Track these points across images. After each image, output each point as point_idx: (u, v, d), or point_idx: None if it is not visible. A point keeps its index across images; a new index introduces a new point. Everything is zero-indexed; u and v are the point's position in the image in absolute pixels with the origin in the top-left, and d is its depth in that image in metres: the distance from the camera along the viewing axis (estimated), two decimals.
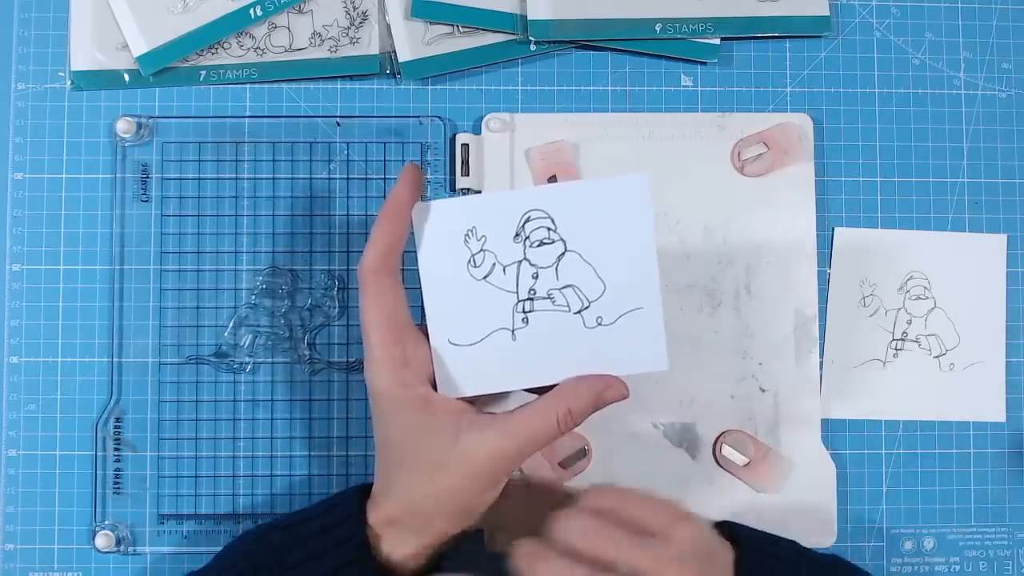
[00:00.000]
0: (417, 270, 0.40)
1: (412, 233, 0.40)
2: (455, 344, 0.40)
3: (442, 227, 0.40)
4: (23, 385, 0.50)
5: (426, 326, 0.41)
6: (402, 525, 0.39)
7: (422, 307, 0.40)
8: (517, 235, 0.40)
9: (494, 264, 0.40)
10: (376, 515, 0.40)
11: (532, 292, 0.40)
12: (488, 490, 0.40)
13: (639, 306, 0.39)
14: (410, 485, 0.39)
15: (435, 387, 0.40)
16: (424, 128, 0.51)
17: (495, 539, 0.48)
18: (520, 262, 0.40)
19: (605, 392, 0.40)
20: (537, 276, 0.40)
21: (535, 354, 0.40)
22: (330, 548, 0.38)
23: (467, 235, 0.40)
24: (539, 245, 0.40)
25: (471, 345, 0.40)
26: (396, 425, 0.39)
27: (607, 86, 0.52)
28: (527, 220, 0.39)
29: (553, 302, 0.40)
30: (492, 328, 0.40)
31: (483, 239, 0.40)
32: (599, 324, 0.40)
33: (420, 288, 0.40)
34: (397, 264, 0.39)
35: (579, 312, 0.40)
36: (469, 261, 0.40)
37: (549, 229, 0.40)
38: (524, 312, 0.40)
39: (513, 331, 0.40)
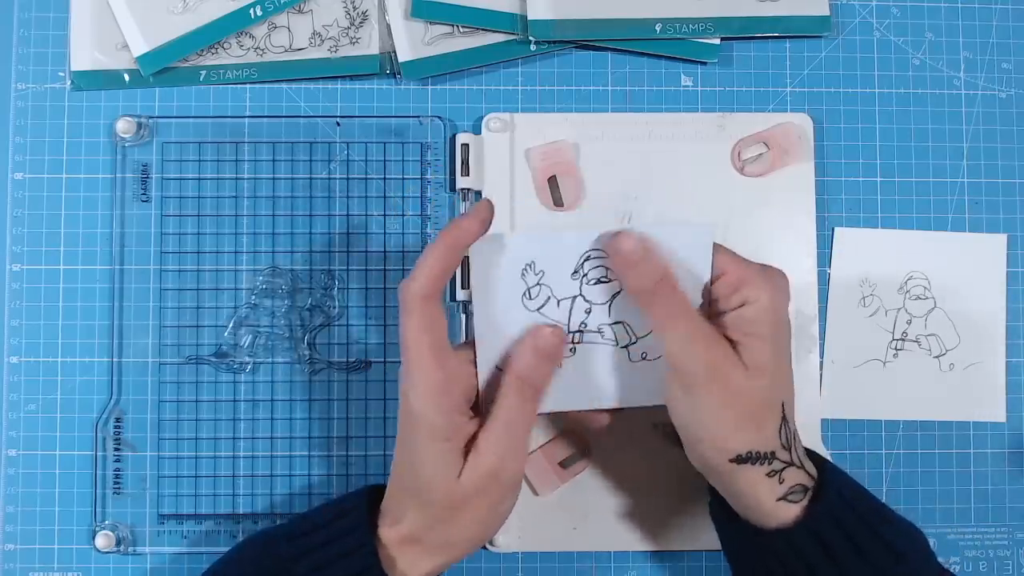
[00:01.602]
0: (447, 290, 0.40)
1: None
2: (501, 370, 0.41)
3: (502, 259, 0.40)
4: (23, 385, 0.50)
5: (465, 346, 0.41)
6: (423, 543, 0.39)
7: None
8: (575, 272, 0.40)
9: (549, 298, 0.41)
10: (391, 534, 0.39)
11: (583, 325, 0.41)
12: (505, 499, 0.40)
13: None
14: (429, 513, 0.39)
15: (475, 410, 0.41)
16: (424, 128, 0.51)
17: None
18: (575, 297, 0.41)
19: (537, 341, 0.40)
20: (590, 311, 0.41)
21: (578, 382, 0.41)
22: (338, 559, 0.38)
23: (525, 269, 0.40)
24: (596, 283, 0.40)
25: None
26: (424, 451, 0.38)
27: (607, 86, 0.52)
28: (587, 259, 0.40)
29: (602, 335, 0.41)
30: None
31: (541, 274, 0.40)
32: (643, 359, 0.41)
33: (472, 312, 0.41)
34: (442, 291, 0.39)
35: (625, 347, 0.41)
36: (524, 293, 0.40)
37: (607, 268, 0.40)
38: (572, 343, 0.41)
39: (560, 360, 0.41)
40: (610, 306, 0.41)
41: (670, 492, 0.50)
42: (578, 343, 0.41)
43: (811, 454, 0.41)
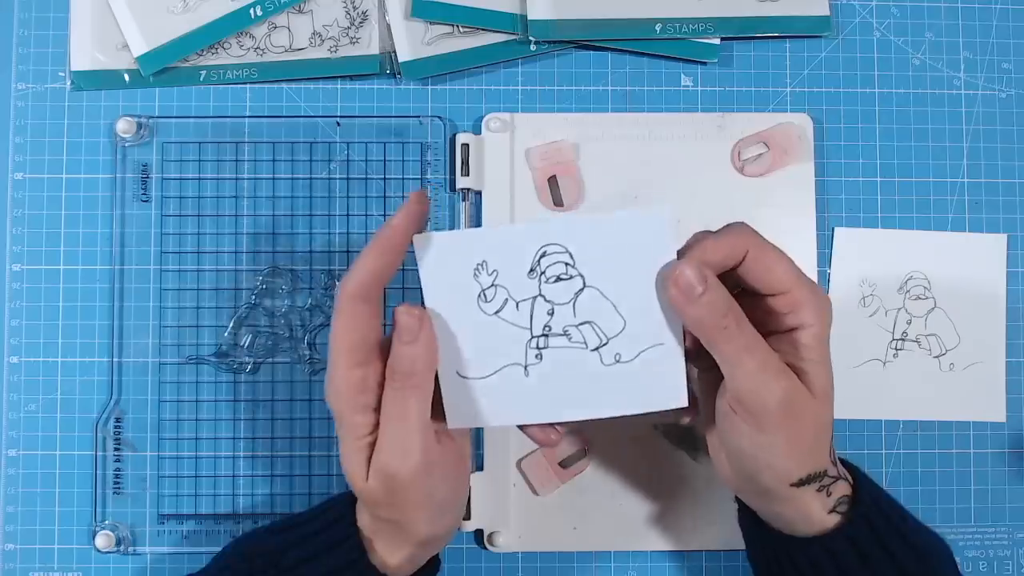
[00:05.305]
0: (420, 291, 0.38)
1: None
2: (463, 376, 0.38)
3: (449, 260, 0.37)
4: (23, 385, 0.50)
5: None
6: (383, 535, 0.39)
7: None
8: (532, 270, 0.37)
9: (506, 299, 0.38)
10: (363, 517, 0.39)
11: (547, 328, 0.38)
12: (434, 492, 0.38)
13: (659, 342, 0.38)
14: (368, 510, 0.39)
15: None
16: (424, 128, 0.51)
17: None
18: (535, 298, 0.38)
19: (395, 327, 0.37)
20: (553, 312, 0.38)
21: (549, 391, 0.39)
22: (325, 550, 0.38)
23: (477, 269, 0.37)
24: (556, 281, 0.38)
25: (480, 379, 0.38)
26: (343, 447, 0.38)
27: (607, 86, 0.52)
28: (543, 255, 0.37)
29: (570, 339, 0.38)
30: (503, 363, 0.38)
31: (495, 274, 0.37)
32: (617, 361, 0.38)
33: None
34: (379, 292, 0.37)
35: (596, 349, 0.38)
36: (479, 296, 0.38)
37: (567, 264, 0.37)
38: (538, 348, 0.38)
39: (526, 367, 0.38)
40: (574, 305, 0.38)
41: (670, 492, 0.50)
42: (544, 348, 0.38)
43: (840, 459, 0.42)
